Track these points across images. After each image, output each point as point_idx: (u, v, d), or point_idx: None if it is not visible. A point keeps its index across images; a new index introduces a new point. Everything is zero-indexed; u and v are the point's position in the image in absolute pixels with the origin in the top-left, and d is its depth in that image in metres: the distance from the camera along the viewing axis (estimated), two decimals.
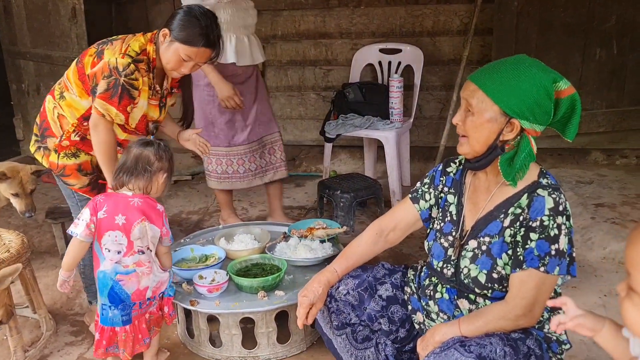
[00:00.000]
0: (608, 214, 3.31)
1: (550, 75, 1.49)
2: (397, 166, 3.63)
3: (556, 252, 1.48)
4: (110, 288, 1.93)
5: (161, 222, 1.99)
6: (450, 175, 1.75)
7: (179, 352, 2.35)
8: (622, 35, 3.80)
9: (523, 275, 1.50)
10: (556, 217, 1.48)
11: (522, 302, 1.50)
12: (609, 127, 4.02)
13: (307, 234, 2.57)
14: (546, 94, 1.47)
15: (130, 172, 1.97)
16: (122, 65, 2.09)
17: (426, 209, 1.80)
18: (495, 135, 1.51)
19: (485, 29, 3.92)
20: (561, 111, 1.50)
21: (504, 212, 1.57)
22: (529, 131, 1.49)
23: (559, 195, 1.50)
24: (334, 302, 1.84)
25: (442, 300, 1.68)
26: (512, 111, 1.48)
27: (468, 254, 1.62)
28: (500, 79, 1.49)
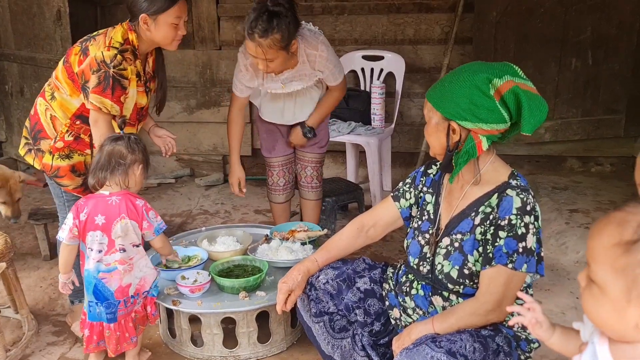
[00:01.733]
0: (582, 220, 3.41)
1: (483, 75, 1.54)
2: (379, 171, 3.70)
3: (524, 250, 1.55)
4: (94, 286, 1.97)
5: (141, 218, 2.03)
6: (430, 176, 1.84)
7: (161, 351, 2.38)
8: (596, 46, 3.92)
9: (492, 272, 1.57)
10: (524, 217, 1.55)
11: (492, 298, 1.57)
12: (584, 135, 4.14)
13: (289, 236, 2.62)
14: (481, 92, 1.53)
15: (105, 168, 2.02)
16: (108, 57, 2.13)
17: (406, 207, 1.88)
18: (445, 139, 1.62)
19: (465, 38, 4.02)
20: (512, 107, 1.53)
21: (475, 210, 1.65)
22: (475, 131, 1.56)
23: (527, 196, 1.57)
24: (313, 290, 1.91)
25: (417, 296, 1.75)
26: (450, 114, 1.58)
27: (442, 251, 1.69)
28: (440, 88, 1.62)
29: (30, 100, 4.32)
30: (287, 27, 2.37)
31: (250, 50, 2.46)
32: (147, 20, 2.19)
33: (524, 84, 1.55)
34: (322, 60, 2.60)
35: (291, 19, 2.39)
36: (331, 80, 2.71)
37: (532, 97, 1.53)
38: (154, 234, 2.09)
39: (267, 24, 2.32)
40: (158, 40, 2.25)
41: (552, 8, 3.82)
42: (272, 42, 2.35)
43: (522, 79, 1.57)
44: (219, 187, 4.36)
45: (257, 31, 2.33)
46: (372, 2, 4.14)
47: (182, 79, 4.48)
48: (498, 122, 1.56)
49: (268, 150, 2.99)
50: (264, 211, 3.88)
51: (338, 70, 2.70)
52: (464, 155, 1.60)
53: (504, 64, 1.60)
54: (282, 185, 3.03)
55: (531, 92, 1.54)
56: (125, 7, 4.27)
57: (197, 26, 4.37)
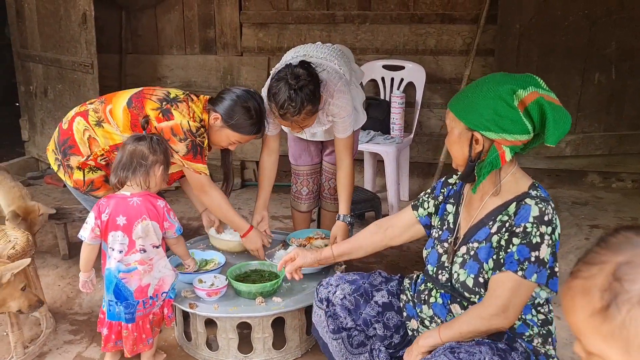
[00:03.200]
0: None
1: (508, 86, 1.53)
2: (396, 181, 3.69)
3: (536, 260, 1.52)
4: (115, 285, 1.99)
5: (162, 218, 2.05)
6: (451, 186, 1.84)
7: (176, 354, 2.38)
8: (621, 60, 3.87)
9: (501, 277, 1.56)
10: (540, 226, 1.53)
11: (496, 302, 1.54)
12: (606, 150, 4.08)
13: (306, 243, 2.62)
14: (505, 103, 1.52)
15: (126, 168, 2.04)
16: (194, 128, 2.31)
17: (425, 215, 1.88)
18: (467, 149, 1.62)
19: (487, 49, 4.00)
20: (535, 118, 1.52)
21: (493, 219, 1.63)
22: (499, 141, 1.56)
23: (546, 207, 1.55)
24: (331, 306, 1.88)
25: (436, 304, 1.74)
26: (473, 125, 1.58)
27: (459, 260, 1.69)
28: (464, 98, 1.62)
29: (54, 101, 4.40)
30: (314, 93, 2.32)
31: (284, 125, 2.54)
32: (218, 120, 2.37)
33: (548, 95, 1.54)
34: (334, 107, 2.49)
35: (314, 83, 2.32)
36: (339, 130, 2.58)
37: (557, 108, 1.52)
38: (175, 233, 2.11)
39: (297, 103, 2.27)
40: (213, 139, 2.44)
41: (577, 21, 3.79)
42: (305, 114, 2.33)
43: (546, 91, 1.55)
44: (236, 192, 4.37)
45: (289, 112, 2.29)
46: (395, 12, 4.14)
47: (203, 84, 4.52)
48: (521, 133, 1.55)
49: (294, 157, 2.98)
50: (280, 217, 3.88)
51: (349, 122, 2.56)
52: (487, 166, 1.60)
53: (527, 75, 1.59)
54: (305, 195, 3.01)
55: (555, 103, 1.53)
56: (150, 13, 4.34)
57: (219, 32, 4.42)
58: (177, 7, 4.45)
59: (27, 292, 2.10)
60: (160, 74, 4.59)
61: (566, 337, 2.48)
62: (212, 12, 4.40)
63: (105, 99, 2.44)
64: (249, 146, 4.54)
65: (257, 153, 4.52)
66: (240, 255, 2.66)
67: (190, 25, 4.47)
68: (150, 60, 4.59)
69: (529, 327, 1.64)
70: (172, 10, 4.47)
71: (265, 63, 4.38)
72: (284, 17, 4.28)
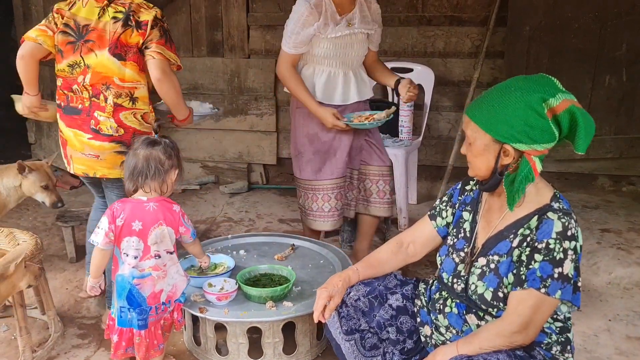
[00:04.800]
0: (614, 240, 3.32)
1: (537, 95, 1.49)
2: (405, 184, 3.66)
3: (559, 276, 1.49)
4: (129, 291, 1.96)
5: (178, 224, 2.03)
6: (468, 193, 1.79)
7: (185, 359, 2.36)
8: (632, 63, 3.84)
9: (523, 294, 1.52)
10: (563, 242, 1.49)
11: (518, 320, 1.51)
12: (616, 153, 4.05)
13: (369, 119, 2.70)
14: (535, 113, 1.48)
15: (144, 175, 2.00)
16: (160, 14, 2.33)
17: (443, 226, 1.84)
18: (494, 161, 1.56)
19: (496, 52, 3.98)
20: (565, 126, 1.49)
21: (514, 232, 1.59)
22: (529, 152, 1.50)
23: (569, 221, 1.51)
24: (344, 307, 1.86)
25: (452, 314, 1.70)
26: (503, 137, 1.51)
27: (477, 271, 1.64)
28: (488, 108, 1.55)
29: None
30: None
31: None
32: None
33: (576, 102, 1.51)
34: (376, 13, 2.77)
35: None
36: (375, 41, 2.84)
37: (586, 115, 1.49)
38: (191, 237, 2.09)
39: None
40: None
41: (587, 24, 3.76)
42: None
43: (568, 94, 1.52)
44: (243, 195, 4.36)
45: None
46: (403, 14, 4.12)
47: (210, 86, 4.51)
48: (550, 141, 1.51)
49: (314, 171, 2.79)
50: (288, 220, 3.86)
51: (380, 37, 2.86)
52: (523, 181, 1.52)
53: (542, 76, 1.56)
54: (328, 211, 2.82)
55: (583, 110, 1.50)
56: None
57: (226, 34, 4.40)
58: (184, 9, 4.44)
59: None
60: None
61: (580, 342, 2.45)
62: (220, 14, 4.39)
63: None
64: (255, 149, 4.54)
65: (264, 156, 4.54)
66: (250, 259, 2.64)
67: (198, 27, 4.46)
68: None
69: (547, 335, 1.61)
70: (179, 12, 4.46)
71: (272, 65, 4.36)
72: None
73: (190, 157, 4.63)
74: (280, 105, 4.45)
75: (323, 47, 2.66)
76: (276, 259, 2.62)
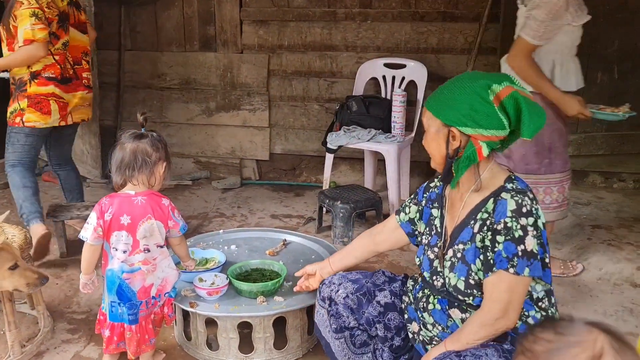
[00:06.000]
0: (604, 236, 3.34)
1: (483, 82, 1.57)
2: (397, 180, 3.66)
3: (523, 253, 1.51)
4: (118, 286, 1.95)
5: (167, 217, 2.01)
6: (433, 190, 1.83)
7: (175, 354, 2.35)
8: (623, 60, 3.85)
9: (494, 278, 1.54)
10: (519, 219, 1.52)
11: (497, 306, 1.53)
12: (607, 150, 4.07)
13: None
14: (480, 98, 1.55)
15: (131, 167, 1.99)
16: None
17: (406, 221, 1.90)
18: (445, 146, 1.62)
19: (489, 48, 3.98)
20: (510, 111, 1.54)
21: (474, 218, 1.63)
22: (475, 136, 1.56)
23: (522, 198, 1.54)
24: (333, 305, 1.87)
25: (435, 311, 1.71)
26: (450, 121, 1.59)
27: (447, 263, 1.68)
28: (440, 96, 1.63)
29: None
30: None
31: None
32: None
33: (522, 91, 1.57)
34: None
35: None
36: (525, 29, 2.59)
37: (531, 103, 1.55)
38: (179, 231, 2.08)
39: None
40: None
41: None
42: None
43: (520, 87, 1.59)
44: (235, 191, 4.35)
45: None
46: (396, 10, 4.12)
47: (203, 82, 4.49)
48: (497, 128, 1.56)
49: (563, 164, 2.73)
50: (280, 216, 3.86)
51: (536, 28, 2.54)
52: (464, 160, 1.60)
53: (502, 73, 1.64)
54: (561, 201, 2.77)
55: (529, 99, 1.56)
56: (149, 10, 4.32)
57: (219, 29, 4.38)
58: (176, 4, 4.42)
59: (19, 270, 1.98)
60: (159, 71, 4.56)
61: None
62: (212, 9, 4.37)
63: None
64: (248, 144, 4.53)
65: (257, 152, 4.54)
66: (241, 254, 2.64)
67: (190, 22, 4.44)
68: (150, 57, 4.56)
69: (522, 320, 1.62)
70: (171, 6, 4.44)
71: (265, 60, 4.35)
72: (284, 14, 4.25)
73: (183, 153, 4.62)
74: (273, 101, 4.44)
75: (568, 36, 2.60)
76: (267, 254, 2.62)
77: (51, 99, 3.06)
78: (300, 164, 4.61)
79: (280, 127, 4.51)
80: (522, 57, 2.57)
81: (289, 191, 4.36)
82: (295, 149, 4.53)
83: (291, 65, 4.36)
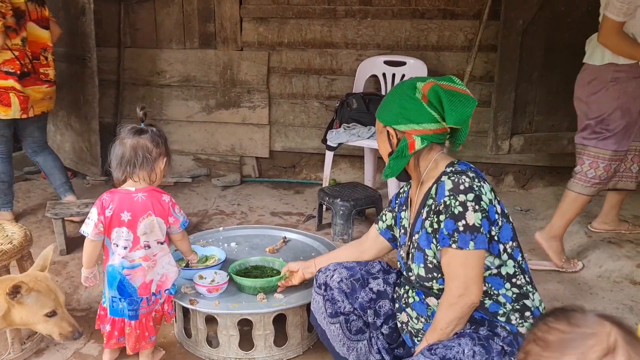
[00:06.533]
0: (604, 234, 3.33)
1: (410, 82, 1.70)
2: None
3: (465, 228, 1.55)
4: (119, 282, 1.95)
5: (167, 213, 2.01)
6: (402, 195, 1.91)
7: (175, 351, 2.35)
8: None
9: (445, 257, 1.60)
10: (457, 196, 1.57)
11: (455, 282, 1.58)
12: None
13: None
14: (407, 96, 1.67)
15: (132, 163, 1.98)
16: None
17: (384, 228, 1.98)
18: (388, 145, 1.74)
19: (489, 45, 3.97)
20: (435, 103, 1.64)
21: (423, 207, 1.70)
22: (409, 132, 1.67)
23: (459, 177, 1.60)
24: (328, 290, 1.92)
25: (415, 303, 1.76)
26: (385, 121, 1.73)
27: (410, 256, 1.74)
28: (382, 102, 1.79)
29: None
30: None
31: None
32: None
33: (448, 84, 1.66)
34: None
35: None
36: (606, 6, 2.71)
37: (454, 93, 1.64)
38: (179, 227, 2.07)
39: None
40: None
41: (580, 18, 3.75)
42: None
43: (454, 84, 1.66)
44: (235, 188, 4.35)
45: None
46: (396, 7, 4.11)
47: (203, 79, 4.48)
48: (428, 121, 1.66)
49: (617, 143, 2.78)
50: (280, 213, 3.86)
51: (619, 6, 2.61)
52: (396, 153, 1.71)
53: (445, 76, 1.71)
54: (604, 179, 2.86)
55: (454, 90, 1.64)
56: (149, 7, 4.30)
57: (219, 26, 4.37)
58: (176, 1, 4.41)
59: (56, 319, 1.80)
60: (159, 68, 4.55)
61: None
62: (212, 6, 4.36)
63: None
64: (248, 142, 4.52)
65: (257, 149, 4.53)
66: (241, 251, 2.64)
67: (190, 19, 4.43)
68: (149, 54, 4.55)
69: (502, 305, 1.64)
70: (171, 3, 4.42)
71: (265, 58, 4.35)
72: (284, 11, 4.24)
73: (183, 150, 4.61)
74: (273, 98, 4.44)
75: None
76: (268, 252, 2.62)
77: (11, 92, 3.20)
78: (300, 162, 4.60)
79: (280, 124, 4.50)
80: (612, 34, 2.66)
81: (289, 189, 4.35)
82: (295, 147, 4.53)
83: (291, 62, 4.36)
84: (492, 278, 1.64)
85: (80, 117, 4.16)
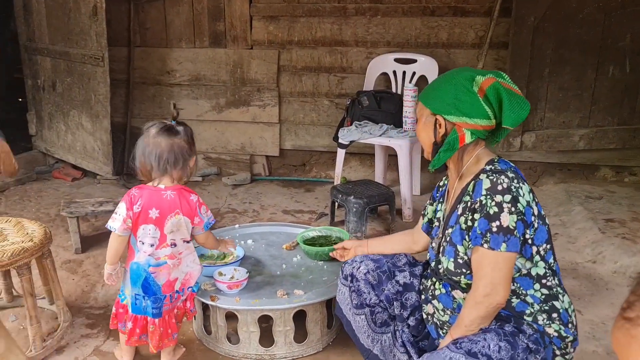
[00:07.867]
0: (618, 230, 3.33)
1: (467, 73, 1.66)
2: (409, 175, 3.66)
3: (498, 229, 1.54)
4: (144, 279, 1.95)
5: (194, 213, 2.01)
6: (441, 188, 1.89)
7: (195, 348, 2.35)
8: (636, 53, 3.84)
9: (476, 256, 1.59)
10: (494, 196, 1.56)
11: (483, 282, 1.57)
12: (619, 144, 4.06)
13: None
14: (465, 88, 1.63)
15: (170, 164, 1.96)
16: None
17: (425, 222, 1.96)
18: (432, 134, 1.70)
19: (500, 42, 3.97)
20: (493, 101, 1.61)
21: (460, 202, 1.68)
22: (460, 124, 1.64)
23: (498, 177, 1.58)
24: (355, 281, 1.93)
25: (442, 295, 1.76)
26: (436, 109, 1.67)
27: (441, 249, 1.74)
28: (429, 88, 1.75)
29: (62, 94, 4.36)
30: None
31: None
32: None
33: (507, 83, 1.63)
34: None
35: None
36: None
37: (513, 94, 1.60)
38: (202, 229, 2.06)
39: None
40: None
41: (591, 14, 3.76)
42: None
43: (507, 81, 1.64)
44: (246, 187, 4.35)
45: None
46: (406, 5, 4.11)
47: (213, 78, 4.49)
48: (481, 117, 1.62)
49: None
50: (292, 211, 3.86)
51: None
52: (446, 145, 1.67)
53: (494, 71, 1.69)
54: None
55: (513, 91, 1.61)
56: (159, 6, 4.30)
57: (229, 25, 4.38)
58: (186, 0, 4.41)
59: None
60: (169, 67, 4.55)
61: (589, 331, 2.46)
62: (222, 5, 4.36)
63: None
64: (258, 140, 4.53)
65: (267, 147, 4.53)
66: (258, 248, 2.64)
67: (200, 18, 4.43)
68: (159, 54, 4.55)
69: (529, 305, 1.64)
70: (181, 2, 4.43)
71: (275, 56, 4.35)
72: (294, 9, 4.24)
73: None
74: (283, 97, 4.44)
75: None
76: (284, 249, 2.62)
77: None
78: (310, 160, 4.60)
79: (290, 122, 4.51)
80: None
81: (299, 187, 4.36)
82: (305, 145, 4.53)
83: (301, 60, 4.36)
84: (521, 278, 1.63)
85: (91, 116, 4.17)
